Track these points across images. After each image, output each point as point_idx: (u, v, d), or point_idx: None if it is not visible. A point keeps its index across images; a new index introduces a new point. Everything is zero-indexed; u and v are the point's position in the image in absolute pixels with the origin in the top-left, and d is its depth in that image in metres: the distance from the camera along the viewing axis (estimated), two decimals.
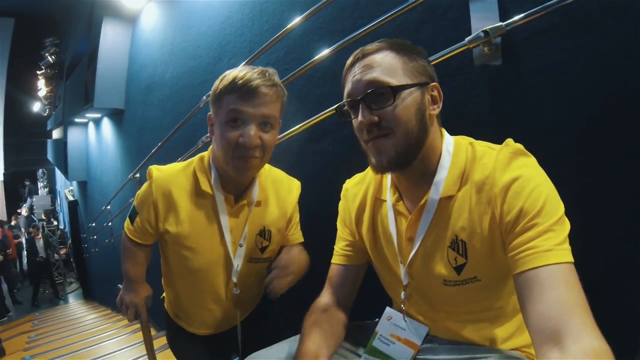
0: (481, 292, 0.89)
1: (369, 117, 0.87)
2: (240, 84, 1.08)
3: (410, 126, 0.86)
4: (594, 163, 1.08)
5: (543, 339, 0.65)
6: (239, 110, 1.09)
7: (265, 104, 1.10)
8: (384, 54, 0.90)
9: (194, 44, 3.56)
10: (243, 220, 1.27)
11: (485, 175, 0.84)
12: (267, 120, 1.13)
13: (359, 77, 0.89)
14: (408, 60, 0.90)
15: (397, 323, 1.04)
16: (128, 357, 3.74)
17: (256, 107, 1.09)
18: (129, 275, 1.44)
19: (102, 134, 8.02)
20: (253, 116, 1.10)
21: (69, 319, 8.02)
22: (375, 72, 0.88)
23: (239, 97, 1.09)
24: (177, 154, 3.20)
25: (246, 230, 1.27)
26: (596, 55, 1.05)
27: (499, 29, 1.17)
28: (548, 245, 0.72)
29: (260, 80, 1.09)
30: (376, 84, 0.87)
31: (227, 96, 1.10)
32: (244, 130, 1.10)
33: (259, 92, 1.08)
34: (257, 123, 1.11)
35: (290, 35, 2.07)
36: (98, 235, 8.31)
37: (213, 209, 1.24)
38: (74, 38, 10.82)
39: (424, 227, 0.92)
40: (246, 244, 1.27)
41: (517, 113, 1.22)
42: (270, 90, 1.11)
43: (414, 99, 0.88)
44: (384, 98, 0.86)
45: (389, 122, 0.86)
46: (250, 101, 1.09)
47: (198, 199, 1.23)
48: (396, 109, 0.86)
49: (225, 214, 1.24)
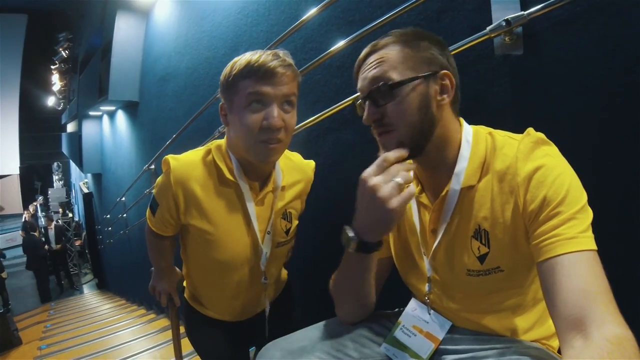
0: (503, 283, 0.89)
1: (371, 114, 0.89)
2: (257, 66, 1.06)
3: (413, 120, 0.86)
4: (616, 153, 1.06)
5: (567, 326, 0.66)
6: (259, 92, 1.07)
7: (284, 84, 1.09)
8: (390, 49, 0.90)
9: (209, 35, 3.55)
10: (269, 206, 1.26)
11: (507, 164, 0.84)
12: (289, 99, 1.11)
13: (365, 74, 0.91)
14: (415, 51, 0.89)
15: (421, 315, 1.04)
16: (143, 347, 3.79)
17: (276, 87, 1.08)
18: (156, 264, 1.45)
19: (116, 126, 8.06)
20: (275, 96, 1.08)
21: (85, 309, 8.14)
22: (379, 68, 0.88)
23: (257, 79, 1.07)
24: (193, 144, 3.15)
25: (272, 218, 1.26)
26: (619, 44, 1.03)
27: (520, 18, 1.15)
28: (571, 233, 0.72)
29: (276, 61, 1.07)
30: (379, 81, 0.87)
31: (242, 81, 1.09)
32: (267, 112, 1.08)
33: (277, 72, 1.07)
34: (279, 103, 1.09)
35: (308, 25, 2.06)
36: (113, 227, 8.38)
37: (238, 198, 1.22)
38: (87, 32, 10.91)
39: (446, 218, 0.92)
40: (273, 231, 1.27)
41: (538, 103, 1.21)
42: (288, 70, 1.09)
43: (417, 93, 0.87)
44: (386, 95, 0.87)
45: (391, 119, 0.87)
46: (270, 82, 1.07)
47: (222, 188, 1.21)
48: (397, 105, 0.86)
49: (252, 202, 1.22)
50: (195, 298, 1.41)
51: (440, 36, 0.94)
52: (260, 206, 1.25)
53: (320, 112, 1.93)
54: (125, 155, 7.40)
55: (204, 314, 1.40)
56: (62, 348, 4.65)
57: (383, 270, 1.12)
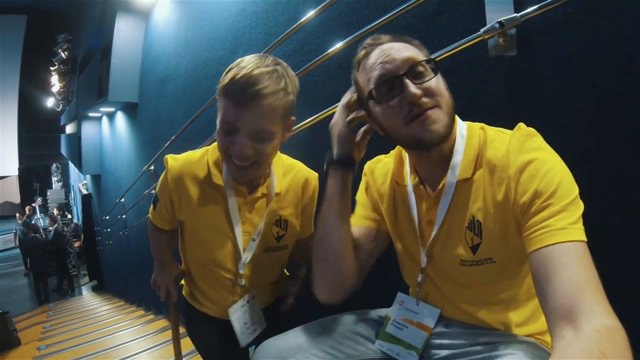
0: (496, 275, 0.90)
1: (419, 90, 0.86)
2: (237, 88, 0.99)
3: (449, 99, 0.90)
4: (609, 153, 1.08)
5: (557, 317, 0.66)
6: (230, 122, 1.02)
7: (261, 116, 1.01)
8: (398, 42, 0.93)
9: (208, 37, 3.56)
10: (260, 213, 1.25)
11: (498, 157, 0.87)
12: (262, 135, 1.04)
13: (393, 57, 0.89)
14: (417, 47, 0.94)
15: (410, 307, 1.05)
16: (142, 347, 3.79)
17: (250, 119, 1.01)
18: (157, 257, 1.49)
19: (115, 127, 8.05)
20: (246, 128, 1.02)
21: (83, 310, 8.11)
22: (406, 51, 0.90)
23: (233, 104, 1.00)
24: (192, 146, 3.16)
25: (262, 225, 1.25)
26: (612, 45, 1.04)
27: (513, 20, 1.17)
28: (562, 224, 0.73)
29: (262, 85, 0.98)
30: (416, 60, 0.88)
31: (223, 98, 1.03)
32: (235, 139, 1.03)
33: (256, 102, 0.99)
34: (250, 135, 1.03)
35: (306, 27, 2.07)
36: (112, 228, 8.37)
37: (224, 202, 1.22)
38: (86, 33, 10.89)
39: (443, 210, 0.94)
40: (260, 238, 1.26)
41: (532, 104, 1.22)
42: (271, 100, 1.00)
43: (441, 77, 0.91)
44: (424, 73, 0.88)
45: (435, 95, 0.87)
46: (245, 110, 1.00)
47: (210, 190, 1.22)
48: (438, 82, 0.89)
49: (236, 208, 1.22)
50: (193, 295, 1.43)
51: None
52: (248, 210, 1.24)
53: (317, 113, 1.94)
54: (124, 156, 7.39)
55: (201, 311, 1.41)
56: (61, 348, 4.63)
57: (376, 240, 1.12)
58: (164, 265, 1.50)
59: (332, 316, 1.12)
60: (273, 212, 1.27)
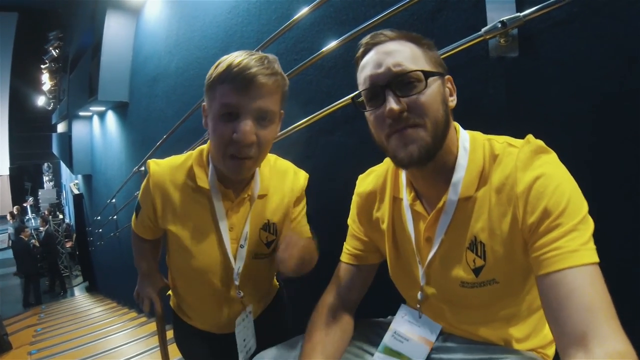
0: (498, 294, 0.87)
1: (399, 104, 0.80)
2: (236, 72, 0.97)
3: (439, 116, 0.82)
4: (612, 156, 1.06)
5: (568, 342, 0.65)
6: (232, 104, 0.99)
7: (262, 96, 1.00)
8: (401, 42, 0.85)
9: (200, 34, 3.53)
10: (244, 216, 1.19)
11: (506, 174, 0.81)
12: (265, 115, 1.02)
13: (381, 63, 0.83)
14: (424, 50, 0.86)
15: (412, 320, 1.02)
16: (134, 351, 3.75)
17: (252, 100, 0.99)
18: (141, 268, 1.43)
19: (106, 127, 8.02)
20: (249, 110, 0.99)
21: (75, 312, 8.08)
22: (398, 57, 0.82)
23: (234, 87, 0.98)
24: (183, 146, 3.18)
25: (247, 229, 1.19)
26: (616, 45, 1.02)
27: (516, 19, 1.14)
28: (573, 246, 0.70)
29: (258, 68, 0.98)
30: (403, 70, 0.81)
31: (220, 86, 1.00)
32: (238, 125, 0.99)
33: (256, 82, 0.98)
34: (253, 117, 1.00)
35: (300, 25, 2.04)
36: (103, 229, 8.35)
37: (210, 207, 1.16)
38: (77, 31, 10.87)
39: (443, 229, 0.89)
40: (248, 244, 1.20)
41: (534, 106, 1.20)
42: (269, 80, 1.00)
43: (438, 88, 0.84)
44: (411, 85, 0.81)
45: (419, 111, 0.80)
46: (246, 93, 0.98)
47: (195, 195, 1.16)
48: (425, 97, 0.81)
49: (223, 213, 1.16)
50: (181, 308, 1.38)
51: (434, 37, 0.90)
52: (235, 215, 1.18)
53: (312, 114, 1.91)
54: (115, 156, 7.36)
55: (190, 324, 1.37)
56: (52, 353, 4.60)
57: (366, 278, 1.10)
58: (148, 276, 1.44)
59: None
60: (258, 214, 1.21)
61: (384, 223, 1.02)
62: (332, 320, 1.03)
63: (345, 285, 1.08)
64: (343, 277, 1.09)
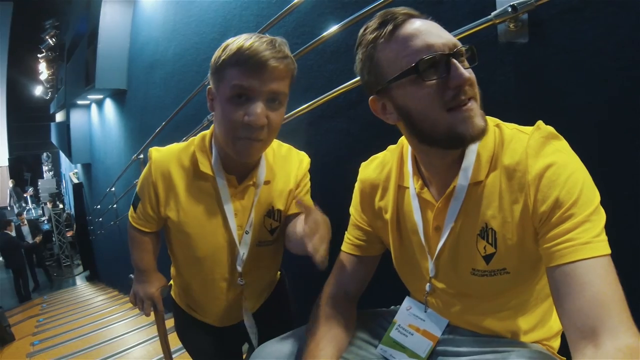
0: (508, 284, 0.85)
1: (471, 74, 0.76)
2: (247, 55, 0.96)
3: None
4: (623, 149, 1.03)
5: (579, 336, 0.65)
6: (244, 86, 0.98)
7: (274, 79, 0.99)
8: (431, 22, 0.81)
9: (197, 20, 3.48)
10: (249, 202, 1.18)
11: (516, 160, 0.78)
12: (276, 97, 1.02)
13: (439, 33, 0.78)
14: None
15: (417, 314, 1.00)
16: (137, 340, 3.77)
17: (264, 83, 0.98)
18: (139, 265, 1.35)
19: (104, 115, 7.99)
20: (260, 92, 0.99)
21: (77, 302, 8.14)
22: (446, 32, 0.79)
23: (245, 70, 0.97)
24: (182, 133, 3.16)
25: (252, 215, 1.18)
26: (629, 35, 0.98)
27: (527, 4, 1.10)
28: (586, 238, 0.69)
29: (270, 51, 0.97)
30: (458, 43, 0.78)
31: (230, 69, 0.99)
32: (249, 108, 0.99)
33: (267, 66, 0.97)
34: (264, 100, 1.00)
35: (300, 8, 2.00)
36: (103, 218, 8.38)
37: (215, 192, 1.15)
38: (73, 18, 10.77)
39: (453, 215, 0.86)
40: (252, 230, 1.19)
41: (543, 94, 1.17)
42: (281, 64, 0.99)
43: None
44: (468, 59, 0.78)
45: (474, 86, 0.78)
46: (258, 75, 0.97)
47: (198, 181, 1.15)
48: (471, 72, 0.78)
49: (229, 198, 1.15)
50: (185, 301, 1.35)
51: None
52: (239, 201, 1.17)
53: (312, 100, 1.88)
54: (114, 144, 7.34)
55: (192, 316, 1.34)
56: (55, 343, 4.62)
57: (369, 269, 1.08)
58: (148, 275, 1.36)
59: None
60: (264, 201, 1.20)
61: (387, 213, 0.99)
62: (335, 313, 1.00)
63: (347, 277, 1.06)
64: (344, 267, 1.06)
